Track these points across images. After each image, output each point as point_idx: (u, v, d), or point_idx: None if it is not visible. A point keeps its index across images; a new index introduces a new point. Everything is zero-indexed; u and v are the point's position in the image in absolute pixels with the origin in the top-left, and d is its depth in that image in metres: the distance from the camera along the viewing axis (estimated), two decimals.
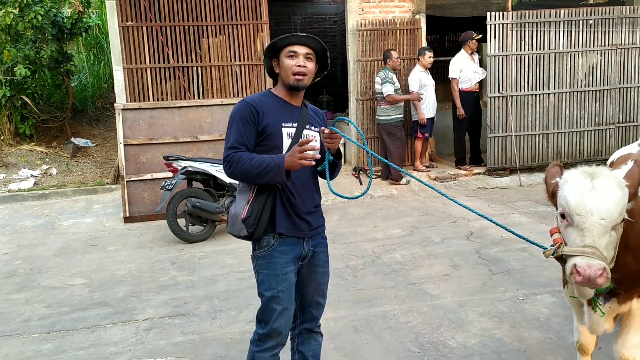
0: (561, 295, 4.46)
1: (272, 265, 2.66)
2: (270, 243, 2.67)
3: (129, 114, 7.70)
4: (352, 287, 4.90)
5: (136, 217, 7.54)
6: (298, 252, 2.72)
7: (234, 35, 8.95)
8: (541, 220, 6.66)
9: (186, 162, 6.56)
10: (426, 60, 8.97)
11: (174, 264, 5.76)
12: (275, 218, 2.65)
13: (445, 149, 10.32)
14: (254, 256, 2.74)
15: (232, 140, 2.62)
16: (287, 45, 2.69)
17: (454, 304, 4.42)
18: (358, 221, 7.06)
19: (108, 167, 10.09)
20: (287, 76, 2.68)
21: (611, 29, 9.08)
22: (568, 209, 2.30)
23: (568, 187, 2.34)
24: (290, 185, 2.66)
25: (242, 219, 2.63)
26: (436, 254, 5.67)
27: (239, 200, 2.72)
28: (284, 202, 2.67)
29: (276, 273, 2.66)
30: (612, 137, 9.35)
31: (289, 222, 2.68)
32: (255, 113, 2.64)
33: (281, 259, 2.67)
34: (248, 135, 2.62)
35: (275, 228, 2.66)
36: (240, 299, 4.71)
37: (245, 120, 2.63)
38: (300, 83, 2.69)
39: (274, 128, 2.65)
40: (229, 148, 2.61)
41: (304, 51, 2.68)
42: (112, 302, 4.82)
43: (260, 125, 2.64)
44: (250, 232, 2.62)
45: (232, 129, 2.65)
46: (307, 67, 2.68)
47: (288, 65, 2.67)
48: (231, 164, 2.57)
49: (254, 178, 2.56)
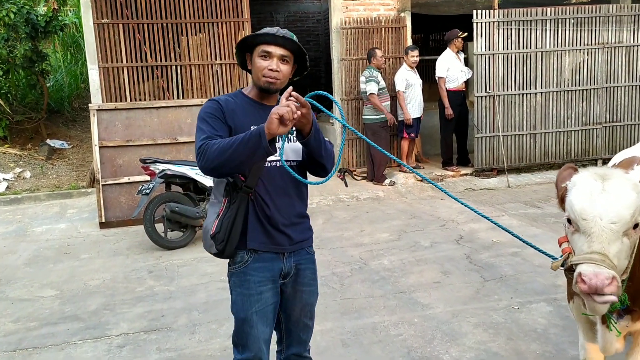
0: (557, 303, 4.28)
1: (245, 284, 2.40)
2: (244, 259, 2.41)
3: (104, 115, 7.38)
4: (339, 296, 4.66)
5: (112, 223, 7.22)
6: (277, 269, 2.45)
7: (214, 33, 8.67)
8: (531, 222, 6.49)
9: (164, 165, 6.27)
10: (409, 59, 8.77)
11: (151, 273, 5.48)
12: (248, 232, 2.39)
13: (431, 149, 10.14)
14: (228, 272, 2.49)
15: (203, 134, 2.31)
16: (260, 44, 2.39)
17: (447, 314, 4.21)
18: (344, 225, 6.83)
19: (84, 170, 9.74)
20: (258, 77, 2.40)
21: (598, 28, 8.96)
22: (574, 214, 2.10)
23: (576, 190, 2.15)
24: (263, 194, 2.40)
25: (212, 234, 2.37)
26: (426, 259, 5.46)
27: (209, 214, 2.47)
28: (257, 213, 2.40)
29: (250, 292, 2.40)
30: (599, 137, 9.23)
31: (264, 235, 2.41)
32: (222, 111, 2.38)
33: (255, 277, 2.41)
34: (219, 129, 2.34)
35: (247, 243, 2.40)
36: (221, 311, 4.45)
37: (214, 116, 2.36)
38: (272, 87, 2.41)
39: (241, 131, 2.31)
40: (201, 139, 2.29)
41: (280, 53, 2.38)
42: (84, 316, 4.53)
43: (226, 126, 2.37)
44: (219, 249, 2.37)
45: (201, 126, 2.36)
46: (280, 71, 2.38)
47: (260, 66, 2.38)
48: (204, 152, 2.21)
49: (232, 158, 2.16)
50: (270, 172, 2.40)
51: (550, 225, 6.35)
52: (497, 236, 6.00)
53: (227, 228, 2.35)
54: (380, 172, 8.68)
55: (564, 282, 4.67)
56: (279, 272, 2.46)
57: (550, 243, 5.73)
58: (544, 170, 9.15)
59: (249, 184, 2.35)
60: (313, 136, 2.34)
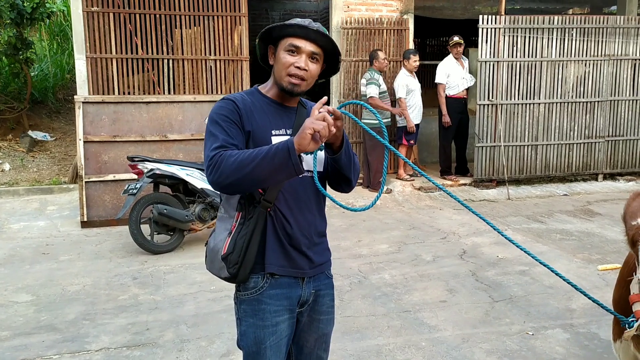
0: (574, 330, 3.99)
1: (259, 314, 2.06)
2: (258, 284, 2.06)
3: (90, 108, 6.98)
4: (339, 313, 4.32)
5: (95, 222, 6.82)
6: (295, 297, 2.11)
7: (209, 26, 8.29)
8: (536, 239, 6.21)
9: (153, 164, 5.89)
10: (411, 64, 8.48)
11: (136, 280, 5.10)
12: (265, 253, 2.05)
13: (429, 157, 9.85)
14: (236, 298, 2.13)
15: (216, 141, 1.94)
16: (289, 36, 2.04)
17: (457, 339, 3.89)
18: (340, 234, 6.50)
19: (67, 165, 9.30)
20: (281, 76, 2.04)
21: (604, 39, 8.75)
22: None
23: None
24: (284, 209, 2.06)
25: (223, 255, 2.02)
26: (429, 275, 5.15)
27: (219, 230, 2.10)
28: (277, 231, 2.06)
29: (264, 324, 2.06)
30: (601, 151, 9.01)
31: (283, 258, 2.07)
32: (239, 113, 2.01)
33: (272, 306, 2.07)
34: (235, 136, 1.98)
35: (265, 266, 2.06)
36: (211, 326, 4.09)
37: (229, 119, 1.99)
38: (296, 89, 2.05)
39: (262, 136, 2.02)
40: (214, 149, 1.92)
41: (310, 49, 2.03)
42: (61, 326, 4.14)
43: (244, 130, 2.01)
44: (233, 272, 2.01)
45: (213, 131, 1.99)
46: (309, 70, 2.04)
47: (285, 62, 2.03)
48: (218, 165, 1.86)
49: (252, 175, 1.83)
50: (292, 185, 2.04)
51: (556, 242, 6.08)
52: (502, 252, 5.72)
53: (242, 248, 1.99)
54: (377, 180, 8.38)
55: (578, 306, 4.40)
56: (297, 300, 2.12)
57: (558, 262, 5.48)
58: (544, 182, 8.90)
59: (268, 197, 2.01)
60: (344, 151, 2.04)
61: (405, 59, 8.53)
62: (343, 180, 2.17)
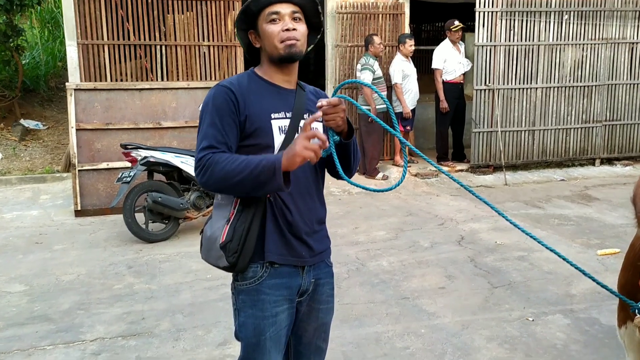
0: (575, 316, 3.96)
1: (259, 304, 1.99)
2: (257, 274, 1.99)
3: (82, 95, 6.86)
4: (337, 301, 4.19)
5: (89, 211, 6.74)
6: (295, 287, 2.05)
7: (202, 12, 8.16)
8: (535, 224, 6.17)
9: (147, 151, 5.80)
10: (407, 48, 8.39)
11: (131, 269, 5.04)
12: (265, 241, 1.98)
13: (425, 143, 9.78)
14: (234, 288, 2.07)
15: (206, 138, 1.91)
16: (265, 7, 1.98)
17: (456, 325, 3.85)
18: (337, 220, 6.44)
19: (60, 153, 9.19)
20: (274, 46, 1.98)
21: (602, 22, 8.67)
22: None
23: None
24: (284, 195, 1.99)
25: (221, 244, 1.94)
26: (427, 261, 5.10)
27: (216, 218, 2.03)
28: (277, 219, 1.99)
29: (264, 315, 1.99)
30: (598, 136, 8.96)
31: (283, 246, 2.00)
32: (234, 101, 1.94)
33: (271, 296, 2.00)
34: (228, 131, 1.93)
35: (265, 255, 1.99)
36: (207, 315, 4.04)
37: (223, 110, 1.93)
38: (294, 50, 1.98)
39: (260, 120, 1.96)
40: (204, 148, 1.89)
41: (289, 10, 1.98)
42: (55, 317, 4.08)
43: (241, 117, 1.95)
44: (232, 261, 1.94)
45: (205, 123, 1.95)
46: (297, 29, 1.99)
47: (272, 32, 1.97)
48: (206, 169, 1.85)
49: (237, 187, 1.86)
50: (293, 170, 1.97)
51: (555, 227, 6.04)
52: (500, 238, 5.68)
53: (242, 236, 1.93)
54: (373, 166, 8.31)
55: (578, 291, 4.37)
56: (297, 289, 2.06)
57: (557, 247, 5.38)
58: (541, 168, 8.86)
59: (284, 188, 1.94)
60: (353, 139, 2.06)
61: (400, 44, 8.43)
62: (345, 167, 2.11)
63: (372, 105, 7.91)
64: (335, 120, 1.96)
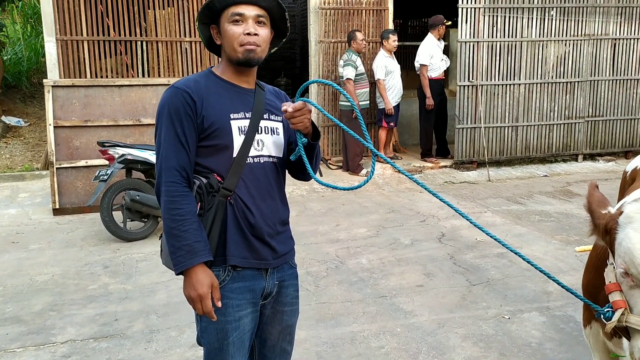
0: (550, 313, 3.95)
1: (221, 309, 1.94)
2: (219, 278, 1.95)
3: (60, 92, 6.76)
4: (314, 300, 4.25)
5: (67, 209, 6.65)
6: (258, 290, 2.02)
7: (184, 7, 8.08)
8: (516, 220, 6.17)
9: (125, 149, 5.73)
10: (390, 44, 8.34)
11: (107, 268, 4.97)
12: (227, 244, 1.94)
13: (409, 139, 9.77)
14: None
15: (169, 155, 1.89)
16: (229, 6, 1.94)
17: (432, 324, 3.83)
18: (318, 218, 6.41)
19: (40, 150, 9.08)
20: (233, 48, 1.94)
21: (584, 19, 8.68)
22: (635, 268, 1.65)
23: (635, 232, 1.66)
24: (245, 197, 1.95)
25: None
26: (407, 259, 5.08)
27: None
28: (238, 221, 1.95)
29: (227, 319, 1.95)
30: (581, 132, 8.99)
31: (246, 249, 1.96)
32: (191, 103, 1.90)
33: (234, 300, 1.96)
34: (187, 135, 1.89)
35: (227, 258, 1.95)
36: (182, 315, 3.99)
37: (179, 114, 1.89)
38: (252, 55, 1.94)
39: (219, 121, 1.92)
40: (167, 169, 1.89)
41: (254, 13, 1.94)
42: (27, 318, 4.01)
43: (198, 118, 1.90)
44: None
45: (163, 129, 1.91)
46: (259, 34, 1.95)
47: (233, 33, 1.93)
48: (161, 196, 1.91)
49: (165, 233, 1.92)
50: (253, 170, 1.95)
51: (535, 223, 6.04)
52: (481, 234, 5.66)
53: None
54: (356, 163, 8.28)
55: (555, 288, 4.36)
56: (260, 292, 2.03)
57: (537, 244, 5.45)
58: (525, 164, 8.87)
59: (227, 185, 1.92)
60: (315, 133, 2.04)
61: (384, 39, 8.38)
62: (305, 169, 2.08)
63: (355, 101, 7.86)
64: (303, 122, 1.95)
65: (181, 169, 1.89)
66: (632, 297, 1.71)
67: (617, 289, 1.76)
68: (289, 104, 1.92)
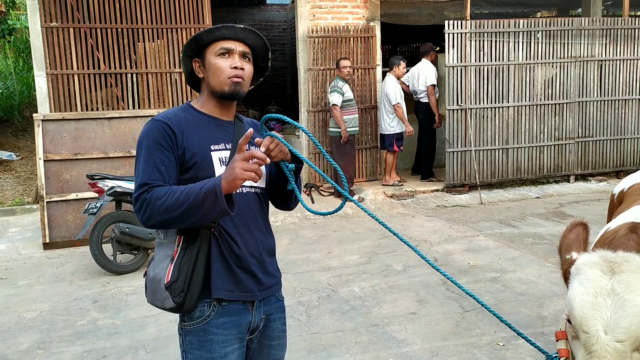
0: (545, 339, 3.90)
1: (206, 345, 1.90)
2: (204, 313, 1.91)
3: (50, 126, 6.77)
4: (305, 330, 4.19)
5: (58, 243, 6.60)
6: (244, 324, 1.98)
7: (173, 39, 8.14)
8: (508, 244, 6.14)
9: (114, 181, 5.71)
10: (401, 70, 8.62)
11: (96, 303, 4.91)
12: (211, 277, 1.90)
13: (401, 163, 9.77)
14: (181, 329, 1.98)
15: (142, 175, 1.85)
16: (217, 40, 1.97)
17: (426, 352, 3.78)
18: (310, 245, 6.38)
19: (32, 184, 9.04)
20: (220, 82, 1.96)
21: (570, 41, 8.78)
22: (573, 319, 1.66)
23: (578, 285, 1.68)
24: (230, 228, 1.93)
25: (166, 284, 1.86)
26: (399, 286, 5.04)
27: (159, 257, 1.95)
28: (223, 253, 1.92)
29: (212, 356, 1.91)
30: (571, 153, 9.02)
31: (231, 281, 1.93)
32: (171, 134, 1.89)
33: (220, 336, 1.92)
34: (167, 165, 1.87)
35: (212, 292, 1.91)
36: (171, 350, 3.93)
37: (159, 145, 1.88)
38: (238, 88, 1.97)
39: (200, 153, 1.92)
40: (139, 186, 1.84)
41: (241, 49, 1.99)
42: (13, 357, 3.94)
43: (179, 150, 1.90)
44: (178, 301, 1.86)
45: (141, 160, 1.89)
46: (245, 69, 1.99)
47: (220, 67, 1.95)
48: (145, 207, 1.80)
49: (179, 219, 1.79)
50: (236, 201, 1.89)
51: (528, 246, 6.02)
52: (474, 259, 5.64)
53: (187, 274, 1.85)
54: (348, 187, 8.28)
55: (550, 313, 4.33)
56: (247, 327, 1.99)
57: (530, 267, 5.41)
58: (517, 186, 8.88)
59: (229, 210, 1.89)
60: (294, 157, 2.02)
61: (395, 66, 8.57)
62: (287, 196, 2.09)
63: (342, 127, 7.91)
64: (282, 151, 1.94)
65: (152, 180, 1.85)
66: (574, 347, 1.71)
67: (563, 337, 1.79)
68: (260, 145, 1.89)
